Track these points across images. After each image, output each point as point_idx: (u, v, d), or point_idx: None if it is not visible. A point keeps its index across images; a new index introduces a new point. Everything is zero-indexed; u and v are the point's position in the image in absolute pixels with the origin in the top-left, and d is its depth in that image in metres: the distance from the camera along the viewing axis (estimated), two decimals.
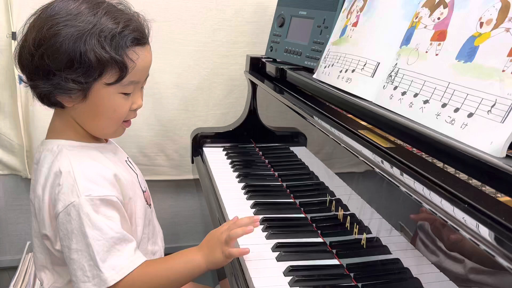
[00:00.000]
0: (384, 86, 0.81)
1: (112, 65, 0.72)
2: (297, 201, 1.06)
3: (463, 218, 0.51)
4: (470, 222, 0.50)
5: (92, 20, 0.71)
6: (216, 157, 1.33)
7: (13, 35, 1.37)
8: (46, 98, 0.75)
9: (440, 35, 0.71)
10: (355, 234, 0.79)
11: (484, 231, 0.48)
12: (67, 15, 0.71)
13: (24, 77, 0.76)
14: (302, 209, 1.02)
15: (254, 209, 1.01)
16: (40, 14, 0.73)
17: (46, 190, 0.74)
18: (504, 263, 0.45)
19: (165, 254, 1.80)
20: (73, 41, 0.70)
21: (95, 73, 0.71)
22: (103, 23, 0.71)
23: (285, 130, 1.27)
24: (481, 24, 0.64)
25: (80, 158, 0.75)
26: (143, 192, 0.87)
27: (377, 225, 0.74)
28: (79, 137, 0.79)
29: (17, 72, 1.39)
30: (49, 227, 0.75)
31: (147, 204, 0.87)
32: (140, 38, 0.75)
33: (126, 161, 0.88)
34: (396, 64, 0.80)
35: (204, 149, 1.40)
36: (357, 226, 0.79)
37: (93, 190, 0.72)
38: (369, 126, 0.81)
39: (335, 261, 0.83)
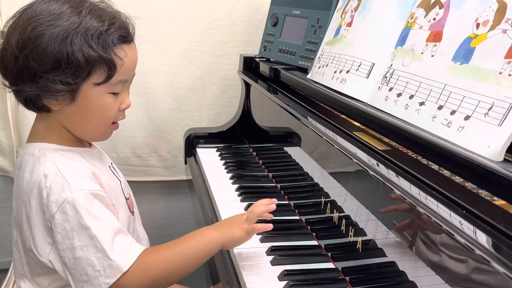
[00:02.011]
0: (379, 87, 0.80)
1: (101, 64, 0.70)
2: (292, 202, 1.05)
3: (460, 223, 0.50)
4: (467, 227, 0.49)
5: (76, 20, 0.70)
6: (210, 158, 1.32)
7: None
8: (32, 103, 0.72)
9: (436, 36, 0.71)
10: (350, 236, 0.79)
11: (482, 237, 0.47)
12: (50, 15, 0.69)
13: (6, 83, 0.73)
14: (296, 211, 1.02)
15: None
16: (21, 15, 0.71)
17: (32, 197, 0.71)
18: (501, 269, 0.44)
19: None
20: (59, 42, 0.68)
21: (84, 73, 0.70)
22: (88, 22, 0.70)
23: (279, 130, 1.26)
24: (478, 25, 0.63)
25: (63, 159, 0.74)
26: (126, 199, 0.85)
27: (373, 228, 0.73)
28: (63, 140, 0.77)
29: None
30: (37, 236, 0.72)
31: (130, 211, 0.85)
32: (126, 36, 0.74)
33: (110, 166, 0.86)
34: (391, 65, 0.79)
35: (197, 149, 1.39)
36: (353, 228, 0.78)
37: (84, 185, 0.71)
38: (364, 127, 0.81)
39: (330, 265, 0.82)
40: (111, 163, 0.88)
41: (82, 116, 0.74)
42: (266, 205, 0.80)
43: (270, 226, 0.79)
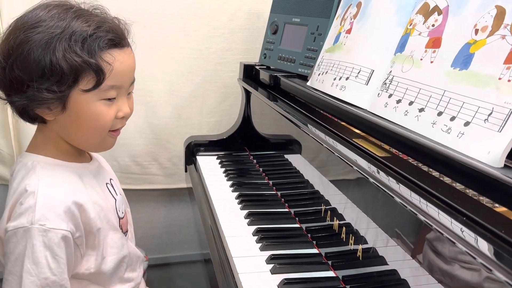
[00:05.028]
0: (378, 94, 0.80)
1: (87, 69, 0.67)
2: (292, 210, 1.04)
3: (461, 230, 0.50)
4: (468, 235, 0.48)
5: (60, 24, 0.67)
6: (210, 166, 1.32)
7: None
8: (26, 113, 0.71)
9: (434, 42, 0.70)
10: (350, 244, 0.78)
11: (483, 245, 0.46)
12: (35, 22, 0.67)
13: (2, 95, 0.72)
14: (297, 218, 1.01)
15: (248, 220, 1.00)
16: (10, 26, 0.70)
17: (9, 204, 0.70)
18: (503, 278, 0.44)
19: (159, 265, 1.78)
20: (42, 48, 0.65)
21: (69, 80, 0.67)
22: (73, 26, 0.67)
23: (279, 137, 1.26)
24: (476, 31, 0.63)
25: (50, 179, 0.71)
26: (120, 218, 0.82)
27: (374, 235, 0.72)
28: (60, 154, 0.75)
29: None
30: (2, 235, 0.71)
31: (123, 231, 0.82)
32: (115, 39, 0.70)
33: (107, 184, 0.83)
34: (391, 71, 0.79)
35: (198, 157, 1.38)
36: (353, 236, 0.77)
37: (49, 220, 0.67)
38: (364, 134, 0.80)
39: (330, 273, 0.81)
40: (110, 179, 0.85)
41: (76, 125, 0.72)
42: None
43: None
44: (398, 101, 0.74)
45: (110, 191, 0.83)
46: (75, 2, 0.73)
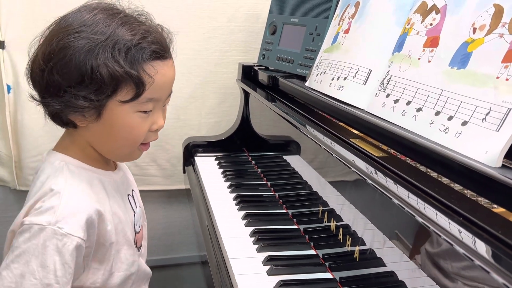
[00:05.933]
0: (376, 93, 0.79)
1: (128, 81, 0.65)
2: (290, 211, 1.04)
3: (459, 231, 0.49)
4: (466, 236, 0.47)
5: (105, 31, 0.65)
6: (208, 167, 1.31)
7: (1, 44, 1.34)
8: (58, 117, 0.69)
9: (432, 42, 0.70)
10: (348, 246, 0.77)
11: (481, 247, 0.45)
12: (80, 26, 0.65)
13: (36, 96, 0.70)
14: (294, 220, 1.00)
15: (245, 221, 0.99)
16: (54, 26, 0.68)
17: (29, 201, 0.68)
18: (500, 280, 0.43)
19: (158, 267, 1.77)
20: (84, 54, 0.64)
21: (108, 89, 0.65)
22: (118, 35, 0.65)
23: (278, 138, 1.25)
24: (474, 29, 0.63)
25: (76, 183, 0.69)
26: (136, 233, 0.80)
27: (371, 236, 0.72)
28: (86, 159, 0.73)
29: (5, 80, 1.36)
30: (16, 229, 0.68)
31: (137, 247, 0.80)
32: (159, 51, 0.69)
33: (128, 195, 0.81)
34: (389, 71, 0.78)
35: (196, 158, 1.38)
36: (350, 237, 0.77)
37: (68, 224, 0.65)
38: (362, 135, 0.79)
39: (328, 275, 0.80)
40: (132, 191, 0.83)
41: (108, 135, 0.70)
42: None
43: None
44: (396, 101, 0.73)
45: (130, 203, 0.81)
46: (121, 7, 0.72)
